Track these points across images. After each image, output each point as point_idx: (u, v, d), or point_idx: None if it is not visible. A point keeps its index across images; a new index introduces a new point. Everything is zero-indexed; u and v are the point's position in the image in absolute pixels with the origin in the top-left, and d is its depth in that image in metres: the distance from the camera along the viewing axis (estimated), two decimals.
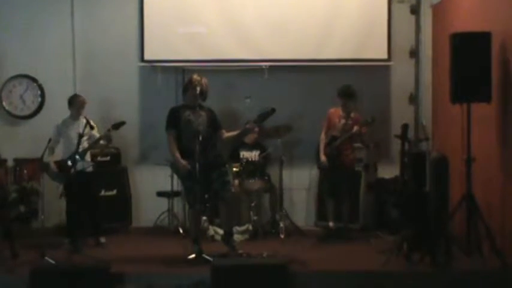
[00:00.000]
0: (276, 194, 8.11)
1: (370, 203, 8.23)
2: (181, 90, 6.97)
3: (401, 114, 8.36)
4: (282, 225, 7.75)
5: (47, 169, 7.26)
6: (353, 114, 7.59)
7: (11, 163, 8.13)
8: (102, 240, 7.39)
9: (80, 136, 6.83)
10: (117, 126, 7.10)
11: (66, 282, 5.54)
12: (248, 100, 8.26)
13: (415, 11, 8.52)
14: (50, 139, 7.20)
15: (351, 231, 7.74)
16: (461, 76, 6.14)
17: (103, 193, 8.17)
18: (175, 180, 8.01)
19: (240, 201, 7.85)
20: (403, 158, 6.69)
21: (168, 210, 8.28)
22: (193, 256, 6.39)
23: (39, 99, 8.66)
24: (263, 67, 8.40)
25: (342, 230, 7.67)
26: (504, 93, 6.18)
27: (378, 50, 8.39)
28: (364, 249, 7.09)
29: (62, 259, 6.37)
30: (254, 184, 7.97)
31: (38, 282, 5.55)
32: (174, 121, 6.59)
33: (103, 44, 8.69)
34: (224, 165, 6.91)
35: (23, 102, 8.68)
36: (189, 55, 8.48)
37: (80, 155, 6.98)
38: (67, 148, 7.24)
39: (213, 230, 7.65)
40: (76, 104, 7.40)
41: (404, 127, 6.64)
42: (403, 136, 6.65)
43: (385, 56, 8.41)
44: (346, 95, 7.57)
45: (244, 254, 6.60)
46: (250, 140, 8.20)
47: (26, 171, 7.86)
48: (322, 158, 7.60)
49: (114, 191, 8.35)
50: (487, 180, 6.39)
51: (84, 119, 7.07)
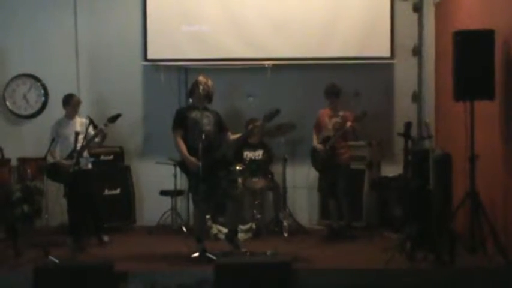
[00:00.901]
0: (280, 193, 8.11)
1: (373, 201, 8.22)
2: (187, 92, 7.01)
3: (404, 112, 8.35)
4: (285, 223, 7.76)
5: (59, 168, 7.21)
6: (342, 113, 7.59)
7: (14, 162, 8.14)
8: (105, 238, 7.41)
9: (77, 134, 6.85)
10: (113, 119, 7.04)
11: (70, 280, 5.54)
12: (251, 98, 8.27)
13: (418, 8, 8.50)
14: (53, 139, 7.21)
15: (354, 230, 7.74)
16: (465, 74, 6.13)
17: (106, 192, 8.19)
18: (178, 179, 8.02)
19: (243, 200, 7.85)
20: (407, 156, 6.69)
21: (171, 209, 8.28)
22: (196, 255, 6.40)
23: (43, 99, 8.69)
24: (266, 66, 8.40)
25: (344, 228, 7.65)
26: (507, 91, 6.16)
27: (380, 48, 8.38)
28: (367, 247, 7.09)
29: (66, 258, 6.39)
30: (257, 183, 7.97)
31: (42, 280, 5.54)
32: (181, 121, 6.61)
33: (106, 43, 8.71)
34: (231, 164, 6.99)
35: (27, 101, 8.71)
36: (192, 54, 8.49)
37: (78, 153, 6.98)
38: (65, 148, 7.24)
39: (216, 228, 7.65)
40: (71, 104, 7.42)
41: (408, 125, 6.64)
42: (406, 134, 6.65)
43: (388, 54, 8.40)
44: (333, 94, 7.61)
45: (248, 253, 6.61)
46: (254, 140, 8.20)
47: (29, 171, 7.86)
48: (318, 146, 7.60)
49: (118, 190, 8.36)
50: (491, 177, 6.38)
51: (86, 119, 7.08)
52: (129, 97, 8.67)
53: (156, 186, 8.39)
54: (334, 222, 7.71)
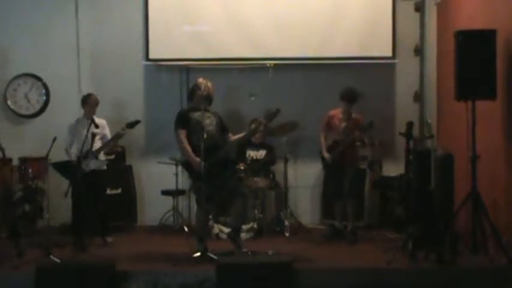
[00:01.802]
0: (281, 192, 8.11)
1: (375, 201, 8.23)
2: (187, 94, 6.99)
3: (406, 111, 8.35)
4: (286, 223, 7.76)
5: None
6: (354, 115, 7.55)
7: (16, 162, 8.13)
8: (109, 239, 7.38)
9: (93, 135, 6.85)
10: (132, 125, 7.09)
11: (72, 280, 5.56)
12: (253, 98, 8.27)
13: (420, 8, 8.51)
14: (55, 138, 7.17)
15: (356, 230, 7.71)
16: (466, 73, 6.14)
17: (108, 191, 8.17)
18: (180, 178, 8.01)
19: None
20: (408, 156, 6.68)
21: (173, 209, 8.28)
22: (198, 254, 6.39)
23: (44, 98, 8.68)
24: (268, 65, 8.40)
25: (349, 233, 7.57)
26: (509, 90, 6.16)
27: (382, 48, 8.37)
28: (369, 247, 7.08)
29: (67, 257, 6.39)
30: (259, 182, 7.95)
31: (44, 280, 5.56)
32: (184, 122, 6.59)
33: (107, 43, 8.71)
34: (236, 163, 7.04)
35: (28, 101, 8.70)
36: (194, 54, 8.48)
37: (94, 154, 6.99)
38: (80, 147, 7.23)
39: (218, 228, 7.65)
40: (89, 103, 7.40)
41: (409, 125, 6.63)
42: (408, 134, 6.63)
43: (389, 54, 8.39)
44: (351, 100, 7.46)
45: (249, 252, 6.60)
46: (258, 140, 8.19)
47: (31, 170, 7.85)
48: (326, 155, 7.56)
49: (119, 190, 8.36)
50: (492, 177, 6.38)
51: (103, 120, 7.11)
52: (130, 97, 8.67)
53: (157, 185, 8.39)
54: (337, 223, 7.68)
